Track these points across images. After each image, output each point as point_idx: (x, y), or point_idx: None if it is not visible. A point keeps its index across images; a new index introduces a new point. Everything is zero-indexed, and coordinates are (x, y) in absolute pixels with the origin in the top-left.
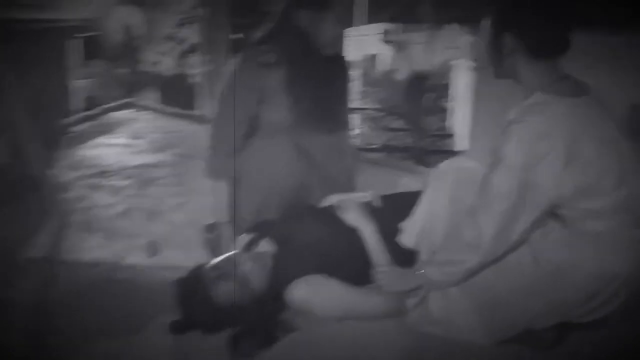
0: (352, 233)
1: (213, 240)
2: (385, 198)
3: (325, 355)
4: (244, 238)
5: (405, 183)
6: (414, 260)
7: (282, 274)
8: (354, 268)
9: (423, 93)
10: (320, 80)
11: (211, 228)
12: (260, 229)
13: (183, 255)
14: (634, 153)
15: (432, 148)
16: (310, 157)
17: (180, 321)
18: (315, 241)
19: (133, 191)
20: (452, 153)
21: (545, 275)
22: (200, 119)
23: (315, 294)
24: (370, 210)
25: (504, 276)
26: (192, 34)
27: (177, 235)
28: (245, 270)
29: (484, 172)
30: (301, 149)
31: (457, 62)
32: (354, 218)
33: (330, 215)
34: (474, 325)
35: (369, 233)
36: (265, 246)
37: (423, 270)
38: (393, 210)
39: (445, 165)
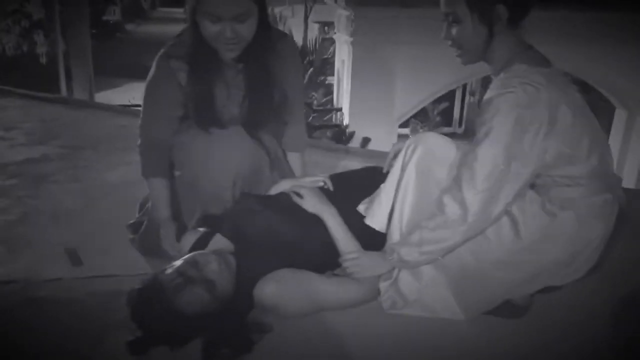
0: (313, 221)
1: (145, 241)
2: (333, 179)
3: (308, 352)
4: (190, 236)
5: (346, 164)
6: (381, 242)
7: (246, 272)
8: (320, 257)
9: (305, 68)
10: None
11: (135, 227)
12: (209, 225)
13: (111, 261)
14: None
15: (318, 123)
16: (260, 147)
17: (141, 339)
18: (274, 233)
19: (23, 192)
20: (339, 127)
21: (525, 246)
22: (78, 104)
23: (285, 289)
24: (326, 194)
25: (481, 250)
26: (39, 9)
27: (96, 239)
28: (210, 273)
29: (452, 146)
30: (251, 139)
31: (337, 37)
32: (314, 204)
33: (286, 204)
34: (449, 302)
35: (332, 219)
36: (220, 243)
37: (395, 254)
38: (345, 191)
39: (411, 142)
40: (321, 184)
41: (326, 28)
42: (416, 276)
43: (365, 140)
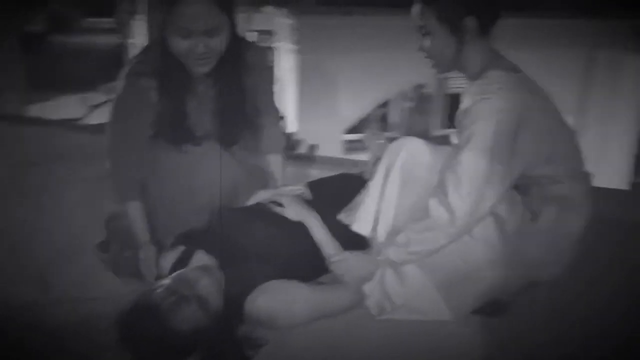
0: (295, 229)
1: (119, 261)
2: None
3: None
4: (170, 255)
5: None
6: (364, 244)
7: (235, 286)
8: (306, 265)
9: None
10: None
11: (105, 247)
12: (189, 241)
13: (81, 283)
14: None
15: None
16: (236, 160)
17: None
18: (259, 244)
19: None
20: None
21: (511, 245)
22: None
23: (277, 301)
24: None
25: (468, 251)
26: None
27: (63, 260)
28: (202, 289)
29: (434, 150)
30: (226, 154)
31: (279, 45)
32: (297, 212)
33: (267, 215)
34: (438, 304)
35: (316, 224)
36: (204, 259)
37: (382, 254)
38: (322, 199)
39: (394, 147)
40: (299, 192)
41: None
42: (403, 281)
43: (313, 147)
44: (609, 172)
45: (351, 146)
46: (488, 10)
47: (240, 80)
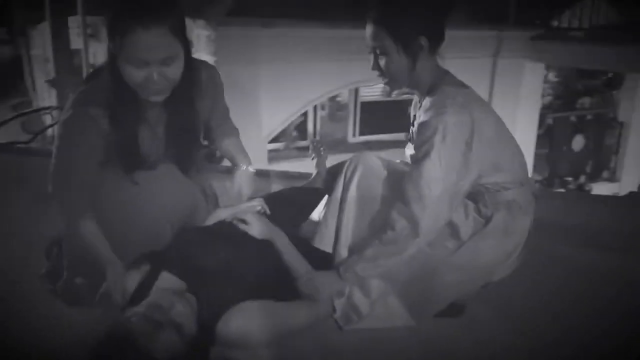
0: (258, 247)
1: (71, 289)
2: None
3: None
4: (133, 276)
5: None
6: (329, 260)
7: (204, 308)
8: (273, 283)
9: None
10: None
11: (51, 276)
12: (152, 261)
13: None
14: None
15: None
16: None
17: None
18: (222, 264)
19: None
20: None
21: (467, 249)
22: None
23: (251, 321)
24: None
25: (426, 258)
26: None
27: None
28: (177, 315)
29: (389, 164)
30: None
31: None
32: (262, 230)
33: (229, 233)
34: (401, 311)
35: (282, 242)
36: (170, 280)
37: (350, 272)
38: (278, 213)
39: (350, 163)
40: (258, 208)
41: None
42: (366, 291)
43: None
44: None
45: (274, 155)
46: (437, 31)
47: (193, 102)
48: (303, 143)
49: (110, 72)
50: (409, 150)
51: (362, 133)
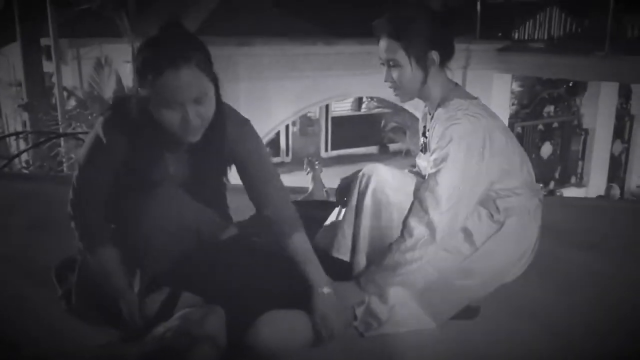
0: (277, 259)
1: (84, 304)
2: None
3: None
4: (155, 297)
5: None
6: (348, 270)
7: (235, 321)
8: (294, 292)
9: None
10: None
11: (68, 298)
12: (171, 282)
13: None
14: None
15: None
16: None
17: None
18: (242, 277)
19: None
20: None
21: (480, 254)
22: None
23: (280, 331)
24: None
25: (442, 263)
26: None
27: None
28: (209, 328)
29: (402, 173)
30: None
31: None
32: None
33: (243, 248)
34: (419, 315)
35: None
36: (192, 299)
37: (371, 283)
38: None
39: (363, 174)
40: None
41: None
42: (384, 298)
43: None
44: None
45: None
46: (447, 46)
47: (223, 148)
48: (276, 159)
49: (141, 114)
50: (421, 160)
51: (334, 147)
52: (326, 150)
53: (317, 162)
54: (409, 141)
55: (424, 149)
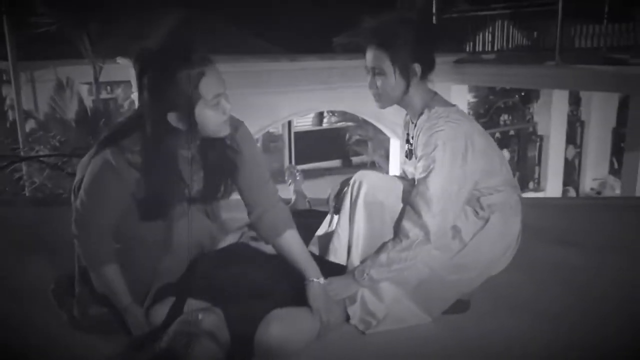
0: (274, 261)
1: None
2: None
3: None
4: (161, 308)
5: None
6: (340, 268)
7: (236, 324)
8: (292, 291)
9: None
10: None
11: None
12: (174, 292)
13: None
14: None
15: None
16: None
17: None
18: (242, 280)
19: None
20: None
21: (469, 249)
22: None
23: (288, 328)
24: None
25: (433, 260)
26: None
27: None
28: (207, 325)
29: (391, 178)
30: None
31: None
32: None
33: (241, 254)
34: (414, 311)
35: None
36: (197, 305)
37: (365, 276)
38: None
39: (355, 180)
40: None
41: (108, 88)
42: (379, 297)
43: None
44: None
45: None
46: (429, 59)
47: (225, 159)
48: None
49: (155, 127)
50: (407, 166)
51: (298, 162)
52: (290, 163)
53: (297, 172)
54: (372, 153)
55: (409, 155)
